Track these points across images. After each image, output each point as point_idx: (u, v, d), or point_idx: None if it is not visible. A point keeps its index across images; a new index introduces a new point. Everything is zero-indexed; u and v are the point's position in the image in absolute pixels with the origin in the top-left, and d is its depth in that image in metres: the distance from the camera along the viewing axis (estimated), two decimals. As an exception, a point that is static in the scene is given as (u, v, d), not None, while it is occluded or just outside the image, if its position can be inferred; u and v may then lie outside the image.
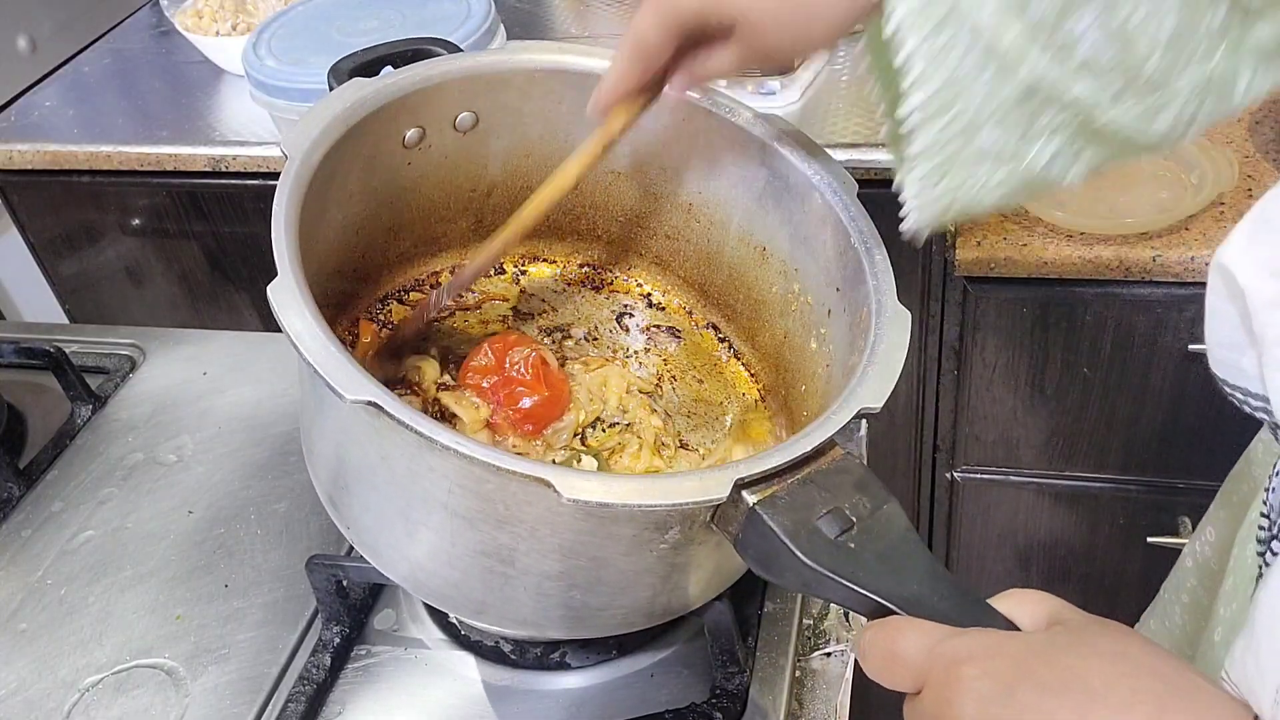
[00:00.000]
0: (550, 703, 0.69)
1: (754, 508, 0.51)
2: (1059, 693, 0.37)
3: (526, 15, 1.45)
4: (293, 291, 0.53)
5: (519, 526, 0.55)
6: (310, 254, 0.60)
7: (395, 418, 0.50)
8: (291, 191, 0.59)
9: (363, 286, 0.77)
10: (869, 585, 0.47)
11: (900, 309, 0.61)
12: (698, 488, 0.50)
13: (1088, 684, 0.37)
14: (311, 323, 0.52)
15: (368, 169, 0.70)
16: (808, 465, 0.53)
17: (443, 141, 0.73)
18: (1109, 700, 0.37)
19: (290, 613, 0.76)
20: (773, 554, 0.50)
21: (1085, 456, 1.24)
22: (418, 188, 0.75)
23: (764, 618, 0.72)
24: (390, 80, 0.68)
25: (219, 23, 1.37)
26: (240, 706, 0.70)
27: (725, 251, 0.77)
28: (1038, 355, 1.18)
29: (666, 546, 0.55)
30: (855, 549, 0.49)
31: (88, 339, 1.03)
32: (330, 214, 0.68)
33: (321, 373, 0.51)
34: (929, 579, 0.47)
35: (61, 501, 0.87)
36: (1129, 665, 0.38)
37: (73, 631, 0.76)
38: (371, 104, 0.66)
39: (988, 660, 0.39)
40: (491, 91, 0.73)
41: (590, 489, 0.49)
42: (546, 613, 0.60)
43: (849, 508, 0.51)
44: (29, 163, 1.30)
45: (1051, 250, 1.09)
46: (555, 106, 0.74)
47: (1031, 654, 0.39)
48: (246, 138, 1.24)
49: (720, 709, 0.65)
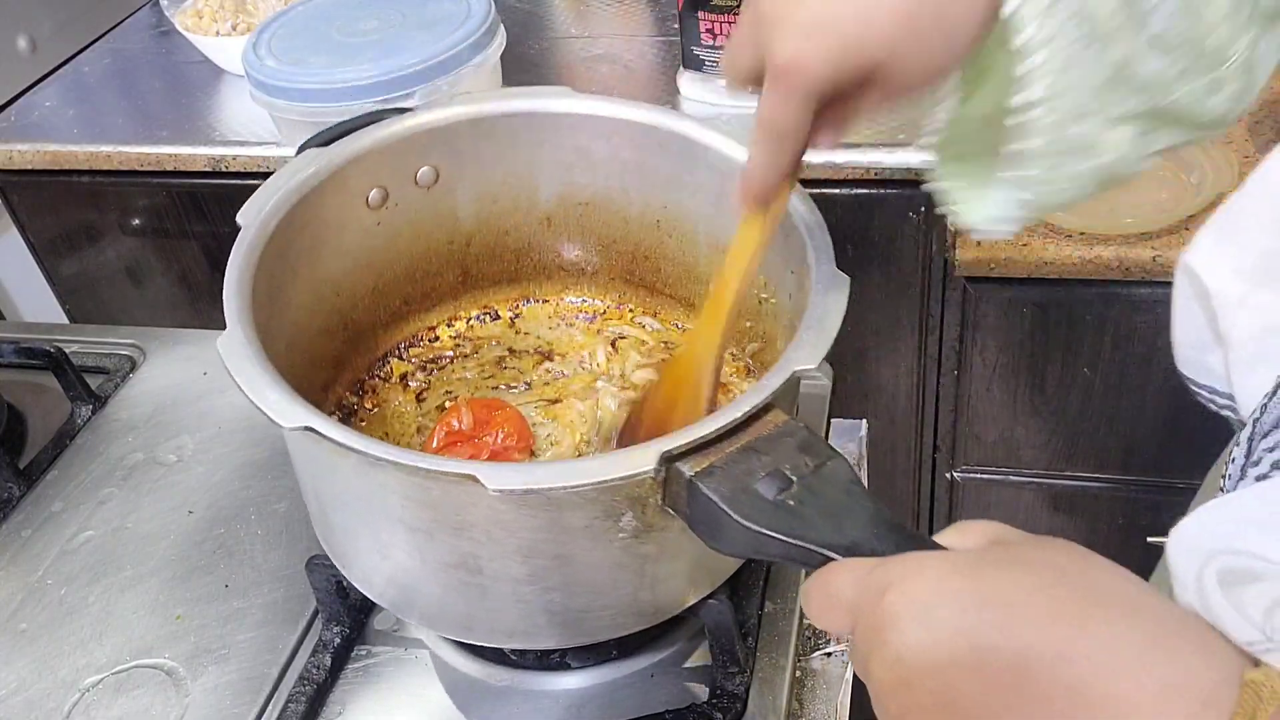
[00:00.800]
0: (550, 703, 0.69)
1: (691, 479, 0.51)
2: (976, 608, 0.36)
3: (526, 15, 1.45)
4: (239, 341, 0.58)
5: (474, 531, 0.56)
6: (282, 312, 0.67)
7: (331, 439, 0.53)
8: (245, 257, 0.64)
9: (358, 346, 0.80)
10: (808, 538, 0.47)
11: (839, 274, 0.60)
12: (622, 464, 0.51)
13: (1007, 597, 0.36)
14: (256, 366, 0.57)
15: (335, 231, 0.73)
16: (745, 432, 0.53)
17: (408, 199, 0.76)
18: (1026, 613, 0.35)
19: (290, 613, 0.76)
20: (717, 523, 0.50)
21: (1085, 456, 1.24)
22: (393, 246, 0.78)
23: (764, 618, 0.72)
24: (338, 147, 0.71)
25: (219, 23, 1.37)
26: (240, 706, 0.70)
27: (700, 264, 0.78)
28: (1038, 355, 1.18)
29: (627, 535, 0.56)
30: (795, 506, 0.49)
31: (88, 339, 1.03)
32: (300, 275, 0.71)
33: (260, 405, 0.54)
34: (870, 524, 0.47)
35: (61, 501, 0.87)
36: (1053, 575, 0.36)
37: (73, 631, 0.76)
38: (324, 171, 0.70)
39: (907, 582, 0.38)
40: (443, 144, 0.76)
41: (514, 478, 0.51)
42: (531, 620, 0.61)
43: (790, 468, 0.50)
44: (29, 163, 1.30)
45: (1051, 250, 1.09)
46: (510, 151, 0.77)
47: (954, 571, 0.37)
48: (246, 138, 1.24)
49: (720, 709, 0.65)
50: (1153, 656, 0.33)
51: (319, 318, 0.74)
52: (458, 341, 0.83)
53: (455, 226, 0.80)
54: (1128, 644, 0.34)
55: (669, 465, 0.52)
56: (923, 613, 0.37)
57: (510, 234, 0.82)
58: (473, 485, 0.51)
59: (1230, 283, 0.51)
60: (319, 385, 0.75)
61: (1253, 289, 0.51)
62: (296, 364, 0.70)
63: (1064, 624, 0.34)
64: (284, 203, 0.68)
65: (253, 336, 0.59)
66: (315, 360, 0.74)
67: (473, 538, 0.56)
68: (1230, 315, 0.51)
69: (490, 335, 0.83)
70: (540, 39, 1.39)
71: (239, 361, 0.57)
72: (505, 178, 0.79)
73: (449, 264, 0.82)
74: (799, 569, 0.71)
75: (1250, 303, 0.51)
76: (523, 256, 0.83)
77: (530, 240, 0.82)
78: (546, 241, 0.82)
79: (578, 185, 0.79)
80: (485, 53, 1.15)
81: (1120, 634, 0.34)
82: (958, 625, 0.36)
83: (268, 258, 0.65)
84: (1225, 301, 0.51)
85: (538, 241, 0.82)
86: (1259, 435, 0.48)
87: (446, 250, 0.81)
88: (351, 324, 0.78)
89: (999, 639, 0.35)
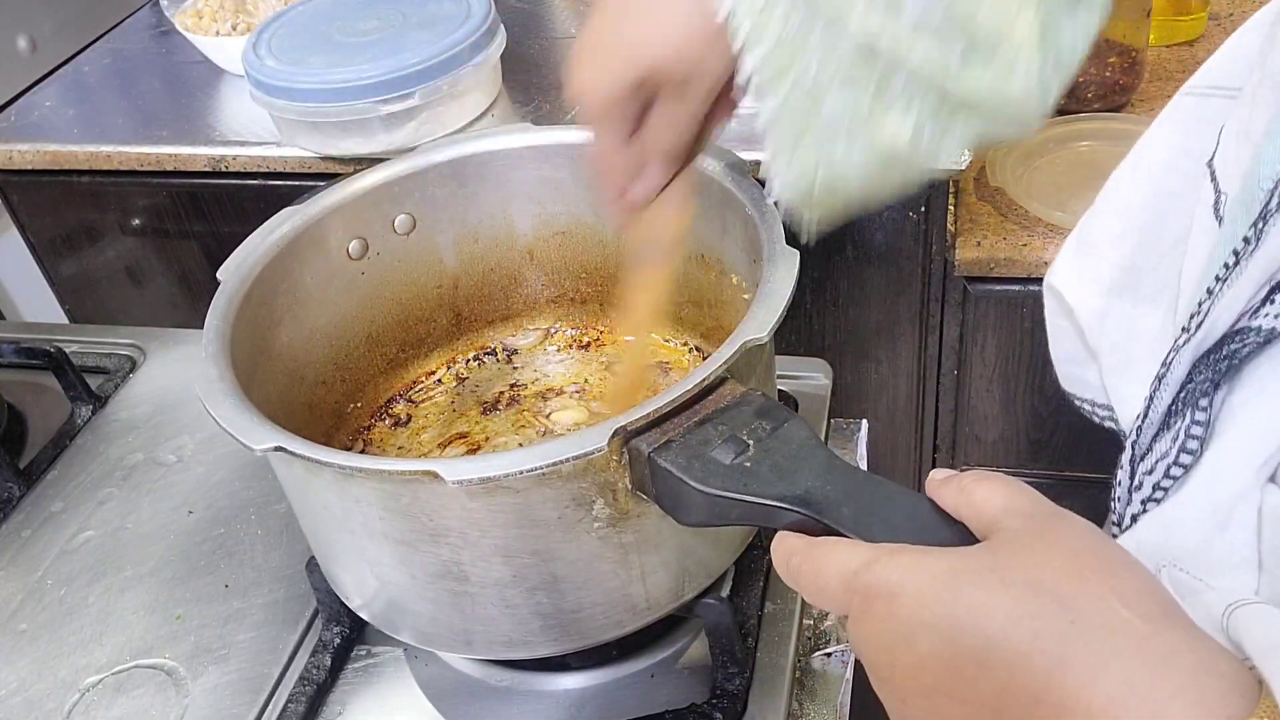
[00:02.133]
0: (550, 703, 0.69)
1: (649, 455, 0.52)
2: (954, 638, 0.35)
3: (526, 15, 1.45)
4: (214, 376, 0.61)
5: (451, 536, 0.56)
6: (271, 362, 0.70)
7: (302, 456, 0.54)
8: (225, 305, 0.66)
9: (359, 396, 0.81)
10: (760, 493, 0.47)
11: (788, 249, 0.62)
12: (575, 443, 0.52)
13: (984, 629, 0.35)
14: (229, 397, 0.59)
15: (319, 283, 0.75)
16: (701, 405, 0.54)
17: (389, 247, 0.78)
18: (1004, 647, 0.34)
19: (290, 613, 0.76)
20: (678, 495, 0.51)
21: (1086, 456, 1.24)
22: (381, 294, 0.79)
23: (764, 618, 0.72)
24: (312, 204, 0.73)
25: (219, 23, 1.37)
26: (240, 707, 0.70)
27: (679, 275, 0.78)
28: (1038, 355, 1.18)
29: (602, 524, 0.56)
30: (751, 467, 0.49)
31: (88, 339, 1.03)
32: (285, 325, 0.72)
33: (231, 431, 0.57)
34: (823, 473, 0.47)
35: (61, 501, 0.87)
36: (1038, 601, 0.35)
37: (73, 631, 0.76)
38: (300, 225, 0.72)
39: (893, 600, 0.37)
40: (415, 191, 0.77)
41: (471, 469, 0.52)
42: (525, 626, 0.61)
43: (747, 433, 0.51)
44: (29, 163, 1.30)
45: (1051, 250, 1.09)
46: (482, 190, 0.79)
47: (939, 587, 0.37)
48: (246, 138, 1.24)
49: (720, 709, 0.65)
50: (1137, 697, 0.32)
51: (312, 369, 0.76)
52: (459, 384, 0.84)
53: (440, 270, 0.81)
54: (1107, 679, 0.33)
55: (628, 445, 0.53)
56: (906, 639, 0.37)
57: (495, 271, 0.83)
58: (435, 482, 0.52)
59: (1092, 298, 0.52)
60: (320, 435, 0.76)
61: (1112, 300, 0.52)
62: (296, 412, 0.72)
63: (1039, 663, 0.34)
64: (263, 257, 0.70)
65: (227, 372, 0.61)
66: (315, 410, 0.76)
67: (451, 543, 0.57)
68: (1095, 328, 0.53)
69: (489, 375, 0.84)
70: (540, 39, 1.39)
71: (211, 389, 0.60)
72: (481, 217, 0.80)
73: (439, 307, 0.83)
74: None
75: (1112, 314, 0.52)
76: (511, 293, 0.85)
77: (515, 275, 0.84)
78: (531, 275, 0.84)
79: (552, 215, 0.81)
80: (485, 53, 1.14)
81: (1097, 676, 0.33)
82: (938, 654, 0.36)
83: (249, 309, 0.67)
84: (1090, 317, 0.52)
85: (523, 276, 0.84)
86: (1138, 458, 0.48)
87: (435, 294, 0.82)
88: (348, 374, 0.79)
89: (976, 673, 0.35)
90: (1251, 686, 0.32)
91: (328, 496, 0.59)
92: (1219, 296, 0.43)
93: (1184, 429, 0.44)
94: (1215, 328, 0.43)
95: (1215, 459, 0.43)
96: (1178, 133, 0.51)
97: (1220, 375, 0.43)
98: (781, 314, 0.57)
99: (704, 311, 0.79)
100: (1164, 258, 0.51)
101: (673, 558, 0.61)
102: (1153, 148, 0.53)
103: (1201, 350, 0.44)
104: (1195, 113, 0.51)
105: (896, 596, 0.37)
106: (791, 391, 0.87)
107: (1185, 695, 0.32)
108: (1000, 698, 0.35)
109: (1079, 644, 0.33)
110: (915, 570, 0.38)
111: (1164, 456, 0.46)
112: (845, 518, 0.44)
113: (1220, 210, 0.48)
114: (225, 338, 0.64)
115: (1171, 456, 0.45)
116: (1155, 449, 0.46)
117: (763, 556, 0.73)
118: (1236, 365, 0.42)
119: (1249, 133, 0.46)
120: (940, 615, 0.36)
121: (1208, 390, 0.43)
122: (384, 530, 0.58)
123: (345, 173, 0.76)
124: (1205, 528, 0.41)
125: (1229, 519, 0.41)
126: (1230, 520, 0.41)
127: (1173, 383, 0.45)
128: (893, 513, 0.43)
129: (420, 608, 0.62)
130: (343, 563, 0.65)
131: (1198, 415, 0.44)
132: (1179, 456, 0.45)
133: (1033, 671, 0.34)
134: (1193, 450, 0.44)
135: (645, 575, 0.60)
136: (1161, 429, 0.46)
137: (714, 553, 0.64)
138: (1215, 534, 0.41)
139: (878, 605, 0.38)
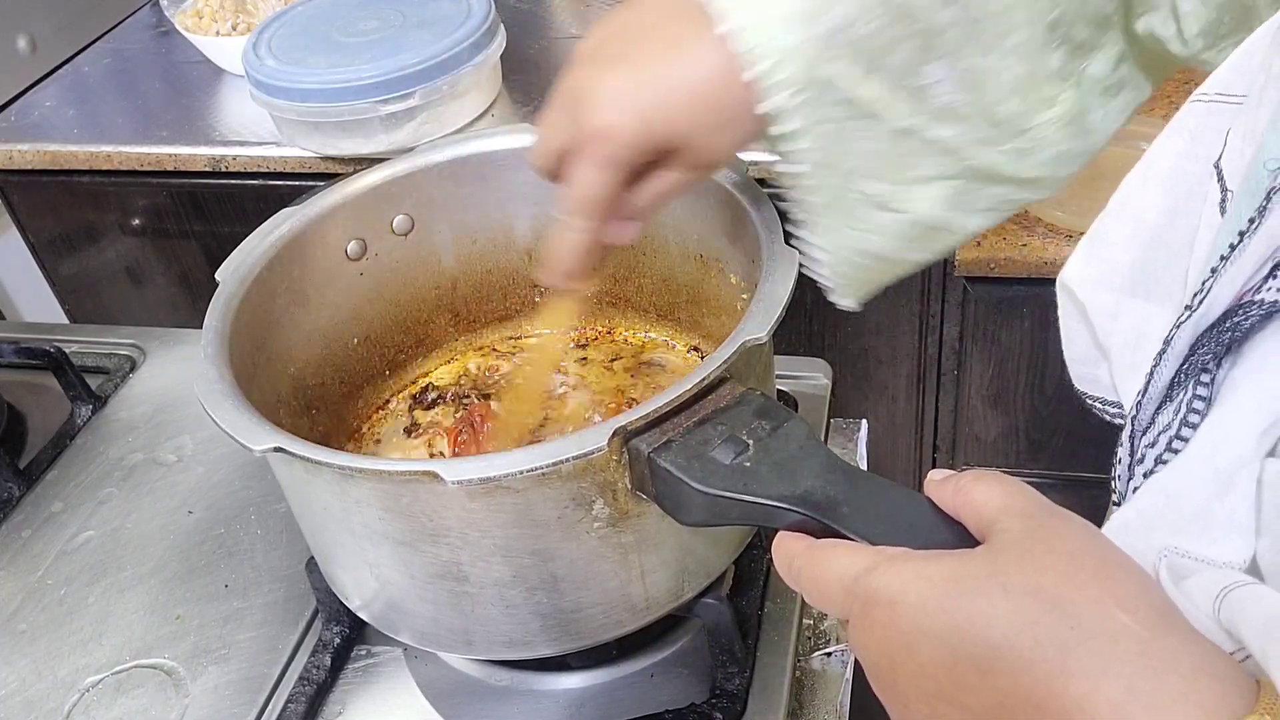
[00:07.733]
0: (550, 703, 0.69)
1: (649, 455, 0.52)
2: (954, 647, 0.36)
3: (526, 15, 1.45)
4: (213, 377, 0.61)
5: (451, 536, 0.56)
6: (271, 363, 0.70)
7: (301, 457, 0.54)
8: (224, 306, 0.66)
9: (359, 398, 0.81)
10: (760, 493, 0.47)
11: (788, 249, 0.62)
12: (575, 444, 0.52)
13: (986, 637, 0.35)
14: (228, 398, 0.59)
15: (318, 284, 0.75)
16: (701, 405, 0.54)
17: (387, 248, 0.78)
18: (1007, 655, 0.34)
19: (290, 613, 0.76)
20: (678, 495, 0.51)
21: (1085, 456, 1.24)
22: (380, 295, 0.79)
23: (764, 618, 0.72)
24: (310, 205, 0.73)
25: (219, 23, 1.37)
26: (240, 706, 0.70)
27: (675, 272, 0.79)
28: (1037, 355, 1.18)
29: (602, 524, 0.56)
30: (750, 466, 0.50)
31: (88, 339, 1.03)
32: (285, 327, 0.72)
33: (230, 432, 0.56)
34: (822, 472, 0.47)
35: (61, 501, 0.87)
36: (1039, 608, 0.35)
37: (73, 632, 0.76)
38: (298, 226, 0.72)
39: (894, 607, 0.38)
40: (413, 192, 0.77)
41: (471, 469, 0.52)
42: (525, 626, 0.61)
43: (746, 433, 0.52)
44: (29, 163, 1.30)
45: (1051, 250, 1.09)
46: (480, 191, 0.79)
47: (940, 595, 0.37)
48: (246, 138, 1.24)
49: (720, 709, 0.65)
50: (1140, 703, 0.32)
51: (311, 369, 0.75)
52: (459, 384, 0.84)
53: (439, 270, 0.81)
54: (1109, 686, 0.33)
55: (628, 445, 0.53)
56: (906, 648, 0.37)
57: (494, 272, 0.83)
58: (435, 483, 0.52)
59: (1104, 297, 0.53)
60: (320, 435, 0.76)
61: (1124, 299, 0.53)
62: (295, 413, 0.72)
63: (1041, 672, 0.34)
64: (262, 258, 0.70)
65: (226, 372, 0.61)
66: (314, 411, 0.76)
67: (451, 543, 0.57)
68: (1107, 327, 0.54)
69: (490, 375, 0.84)
70: (540, 39, 1.39)
71: (210, 390, 0.59)
72: (480, 218, 0.80)
73: (438, 309, 0.83)
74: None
75: (1123, 313, 0.53)
76: (509, 293, 0.84)
77: (514, 276, 0.84)
78: (530, 275, 0.84)
79: (550, 215, 0.80)
80: (485, 53, 1.15)
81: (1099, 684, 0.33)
82: (939, 662, 0.36)
83: (248, 309, 0.67)
84: (1101, 315, 0.53)
85: (522, 276, 0.84)
86: (1139, 433, 0.49)
87: (434, 295, 0.82)
88: (347, 375, 0.79)
89: (979, 680, 0.35)
90: (1248, 684, 0.32)
91: (327, 497, 0.59)
92: (1221, 274, 0.43)
93: (1186, 401, 0.45)
94: (1217, 304, 0.44)
95: (1217, 427, 0.43)
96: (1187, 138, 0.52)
97: (1223, 349, 0.43)
98: (781, 314, 0.57)
99: (704, 311, 0.79)
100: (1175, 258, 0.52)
101: (672, 557, 0.61)
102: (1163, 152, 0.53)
103: (1203, 326, 0.44)
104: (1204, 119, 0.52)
105: (897, 604, 0.38)
106: (791, 391, 0.87)
107: (1186, 699, 0.32)
108: (1003, 705, 0.35)
109: (1080, 651, 0.34)
110: (915, 577, 0.38)
111: (1166, 429, 0.46)
112: (845, 517, 0.44)
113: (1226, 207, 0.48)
114: (224, 338, 0.64)
115: (1174, 429, 0.45)
116: (1157, 422, 0.47)
117: (763, 556, 0.73)
118: (1239, 339, 0.43)
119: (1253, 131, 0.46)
120: (942, 623, 0.36)
121: (1209, 365, 0.44)
122: (384, 530, 0.58)
123: (345, 173, 0.76)
124: (1206, 493, 0.42)
125: (1229, 486, 0.41)
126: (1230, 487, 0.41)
127: (1174, 357, 0.46)
128: (892, 513, 0.43)
129: (420, 608, 0.62)
130: (342, 563, 0.65)
131: (1199, 390, 0.44)
132: (1180, 429, 0.45)
133: (1035, 679, 0.34)
134: (1194, 424, 0.44)
135: (645, 575, 0.60)
136: (1163, 402, 0.47)
137: (714, 552, 0.64)
138: (1215, 501, 0.41)
139: (878, 612, 0.38)
